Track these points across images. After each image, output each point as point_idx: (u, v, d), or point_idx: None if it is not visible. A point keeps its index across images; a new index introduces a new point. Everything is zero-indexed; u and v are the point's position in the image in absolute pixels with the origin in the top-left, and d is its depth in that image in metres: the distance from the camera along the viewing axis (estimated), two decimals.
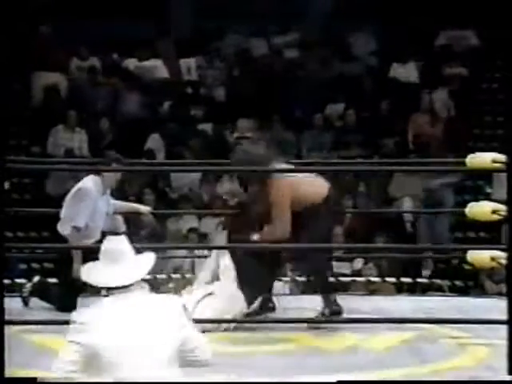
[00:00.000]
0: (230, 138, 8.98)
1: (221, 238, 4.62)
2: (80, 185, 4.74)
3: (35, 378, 2.43)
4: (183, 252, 6.63)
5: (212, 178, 8.28)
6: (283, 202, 4.30)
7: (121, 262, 2.53)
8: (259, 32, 9.81)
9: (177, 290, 4.65)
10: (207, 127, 9.08)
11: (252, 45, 9.81)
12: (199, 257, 5.90)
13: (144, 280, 2.56)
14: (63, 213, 4.73)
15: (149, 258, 2.58)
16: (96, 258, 2.52)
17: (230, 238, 4.51)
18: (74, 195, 4.71)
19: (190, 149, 8.64)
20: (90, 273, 2.56)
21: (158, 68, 9.46)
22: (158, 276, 5.99)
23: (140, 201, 6.84)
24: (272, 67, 9.53)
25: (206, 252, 5.97)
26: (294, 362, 3.70)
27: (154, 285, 6.06)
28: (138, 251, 2.61)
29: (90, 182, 4.71)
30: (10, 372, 3.04)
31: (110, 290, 2.52)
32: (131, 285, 2.51)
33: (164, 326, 2.47)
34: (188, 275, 6.00)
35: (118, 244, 2.57)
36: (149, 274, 2.79)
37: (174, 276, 6.04)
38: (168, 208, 7.76)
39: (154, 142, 8.74)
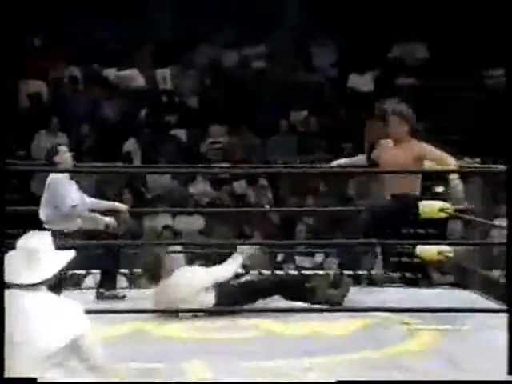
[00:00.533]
0: (203, 143, 9.02)
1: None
2: (49, 178, 4.66)
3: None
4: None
5: (183, 180, 8.31)
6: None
7: (34, 260, 2.38)
8: (230, 44, 9.85)
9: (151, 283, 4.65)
10: (181, 133, 9.09)
11: (223, 56, 9.85)
12: (172, 252, 5.91)
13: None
14: (45, 214, 4.64)
15: (64, 257, 2.43)
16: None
17: None
18: (49, 188, 4.63)
19: (164, 152, 8.65)
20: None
21: (135, 77, 9.45)
22: (134, 270, 5.99)
23: (119, 200, 6.83)
24: (241, 77, 9.57)
25: (178, 248, 5.99)
26: (263, 347, 3.72)
27: (131, 278, 6.07)
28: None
29: (56, 174, 4.65)
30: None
31: (18, 286, 2.39)
32: (40, 283, 2.38)
33: (58, 324, 2.36)
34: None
35: (36, 240, 2.42)
36: (126, 268, 2.71)
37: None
38: (144, 207, 7.76)
39: (131, 146, 8.75)
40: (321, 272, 6.09)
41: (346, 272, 5.17)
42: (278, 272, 6.38)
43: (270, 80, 9.47)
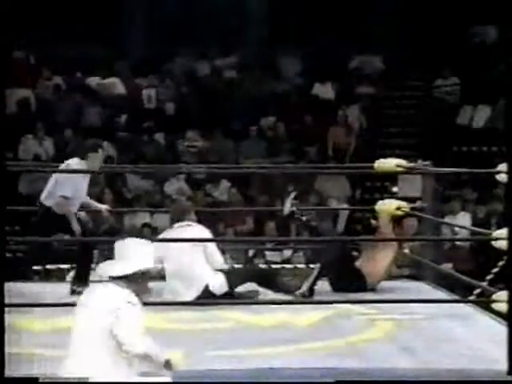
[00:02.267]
0: (181, 146, 8.97)
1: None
2: (66, 163, 4.56)
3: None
4: None
5: (159, 180, 8.25)
6: None
7: (120, 259, 2.61)
8: (203, 55, 9.81)
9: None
10: (159, 137, 9.04)
11: (197, 66, 9.80)
12: None
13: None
14: (49, 187, 4.51)
15: (145, 259, 2.61)
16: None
17: None
18: (62, 171, 4.54)
19: (144, 154, 8.60)
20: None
21: (116, 85, 9.37)
22: None
23: (100, 200, 6.75)
24: (214, 86, 9.53)
25: None
26: (235, 337, 3.69)
27: None
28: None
29: (74, 163, 4.54)
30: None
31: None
32: (116, 277, 2.57)
33: (100, 312, 2.51)
34: None
35: (129, 244, 2.64)
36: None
37: None
38: (124, 206, 7.68)
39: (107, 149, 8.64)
40: (288, 266, 6.08)
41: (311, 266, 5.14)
42: (249, 265, 6.36)
43: (240, 88, 9.45)
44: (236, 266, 5.42)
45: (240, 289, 4.33)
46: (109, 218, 6.29)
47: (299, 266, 6.15)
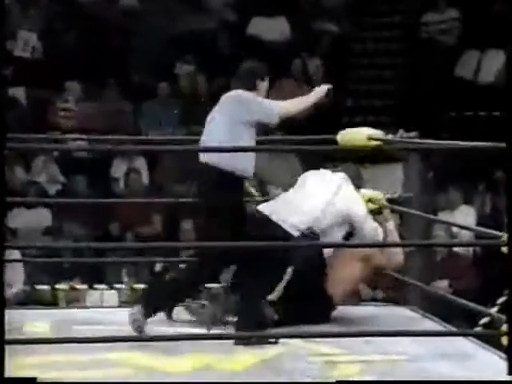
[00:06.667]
0: (52, 108, 8.89)
1: None
2: (236, 93, 4.62)
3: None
4: None
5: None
6: None
7: None
8: None
9: None
10: (20, 93, 8.92)
11: None
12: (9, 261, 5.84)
13: None
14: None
15: None
16: None
17: None
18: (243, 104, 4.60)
19: None
20: None
21: None
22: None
23: None
24: (105, 19, 9.49)
25: (17, 254, 5.92)
26: None
27: None
28: None
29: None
30: None
31: None
32: None
33: None
34: None
35: None
36: None
37: None
38: None
39: None
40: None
41: None
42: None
43: (144, 24, 9.44)
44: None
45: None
46: None
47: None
